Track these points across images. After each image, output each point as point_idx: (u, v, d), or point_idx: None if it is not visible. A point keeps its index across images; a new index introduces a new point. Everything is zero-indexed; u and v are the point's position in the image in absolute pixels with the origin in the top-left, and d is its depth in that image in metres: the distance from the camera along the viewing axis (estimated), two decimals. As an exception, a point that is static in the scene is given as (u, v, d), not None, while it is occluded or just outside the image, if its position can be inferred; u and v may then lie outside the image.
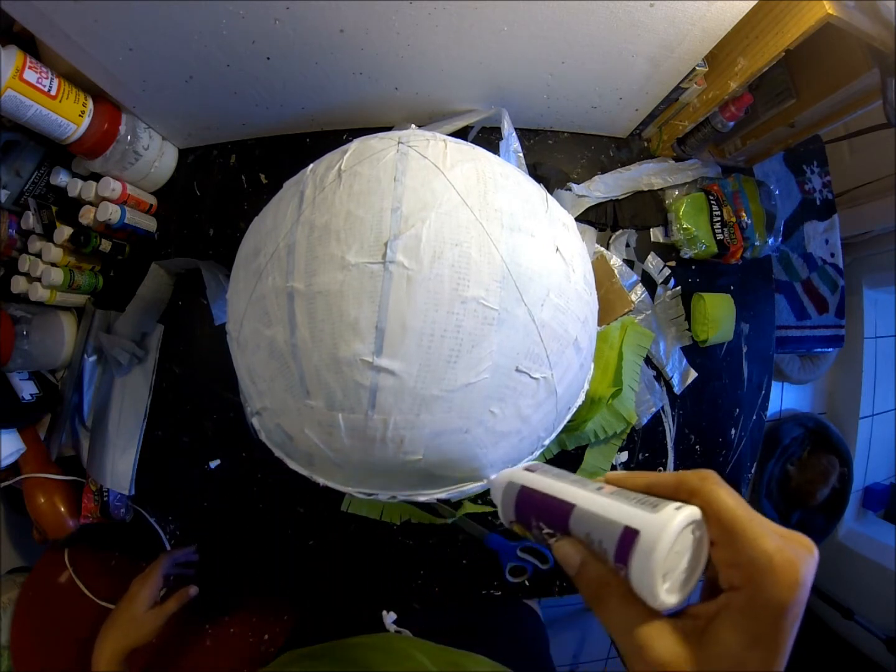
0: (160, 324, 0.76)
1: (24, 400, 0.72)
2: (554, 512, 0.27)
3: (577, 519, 0.26)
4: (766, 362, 0.84)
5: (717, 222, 0.77)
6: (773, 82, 0.69)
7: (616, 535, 0.23)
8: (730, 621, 0.20)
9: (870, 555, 1.61)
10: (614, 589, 0.23)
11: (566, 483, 0.29)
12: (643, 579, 0.22)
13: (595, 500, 0.26)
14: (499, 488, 0.33)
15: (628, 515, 0.23)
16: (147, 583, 0.66)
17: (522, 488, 0.31)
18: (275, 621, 0.85)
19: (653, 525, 0.22)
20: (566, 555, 0.25)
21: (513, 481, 0.31)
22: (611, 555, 0.23)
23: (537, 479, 0.30)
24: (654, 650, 0.21)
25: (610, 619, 0.23)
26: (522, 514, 0.30)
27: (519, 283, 0.35)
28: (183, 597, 0.69)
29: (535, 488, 0.30)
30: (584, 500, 0.26)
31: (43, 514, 0.73)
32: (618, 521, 0.23)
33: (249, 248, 0.41)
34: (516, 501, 0.30)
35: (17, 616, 0.81)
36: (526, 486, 0.30)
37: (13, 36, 0.61)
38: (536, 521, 0.29)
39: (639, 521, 0.23)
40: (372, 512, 0.73)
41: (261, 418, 0.42)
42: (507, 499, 0.31)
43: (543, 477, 0.31)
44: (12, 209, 0.73)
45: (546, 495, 0.28)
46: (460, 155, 0.39)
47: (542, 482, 0.30)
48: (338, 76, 0.64)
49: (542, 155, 0.79)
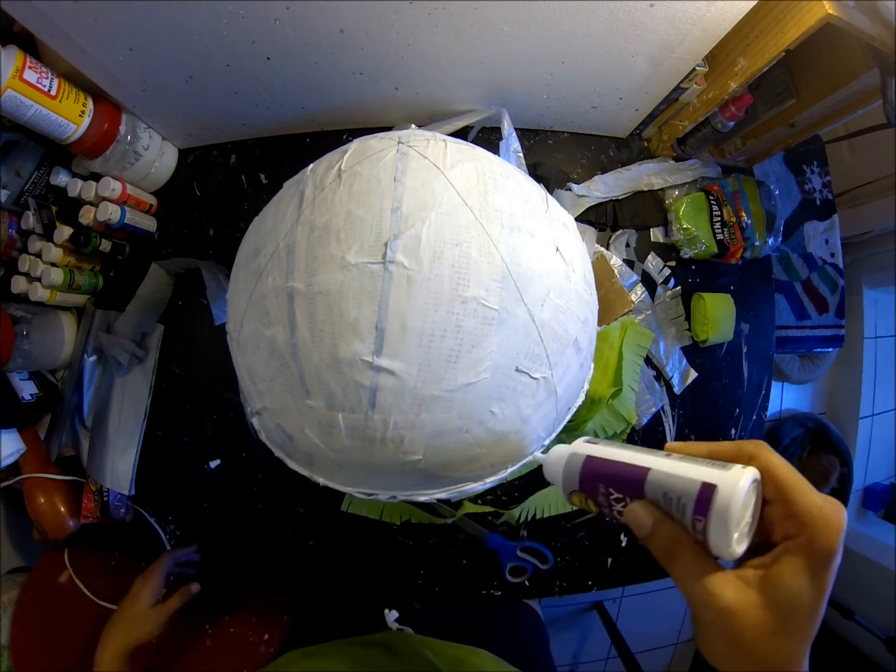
0: (160, 324, 0.76)
1: (24, 400, 0.72)
2: (626, 477, 0.29)
3: (653, 481, 0.28)
4: (766, 362, 0.84)
5: (717, 222, 0.77)
6: (773, 82, 0.69)
7: (695, 490, 0.25)
8: (790, 565, 0.23)
9: (870, 555, 1.61)
10: (686, 546, 0.25)
11: (633, 451, 0.31)
12: (721, 528, 0.24)
13: (668, 463, 0.28)
14: (558, 461, 0.34)
15: (704, 473, 0.26)
16: (149, 581, 0.66)
17: (588, 458, 0.32)
18: (275, 621, 0.85)
19: (728, 481, 0.25)
20: (639, 516, 0.27)
21: (576, 452, 0.33)
22: (690, 509, 0.26)
23: (603, 450, 0.32)
24: (723, 597, 0.24)
25: (682, 572, 0.25)
26: (588, 482, 0.32)
27: (519, 283, 0.35)
28: (185, 594, 0.69)
29: (603, 457, 0.32)
30: (657, 464, 0.28)
31: (43, 514, 0.73)
32: (696, 479, 0.26)
33: (249, 248, 0.41)
34: (581, 471, 0.32)
35: (17, 616, 0.81)
36: (592, 456, 0.32)
37: (13, 36, 0.61)
38: (605, 488, 0.30)
39: (715, 478, 0.25)
40: (372, 512, 0.73)
41: (261, 418, 0.42)
42: (571, 469, 0.33)
43: (609, 447, 0.32)
44: (12, 209, 0.73)
45: (617, 462, 0.30)
46: (460, 155, 0.39)
47: (610, 452, 0.32)
48: (338, 76, 0.64)
49: (542, 155, 0.79)
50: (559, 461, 0.34)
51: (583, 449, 0.33)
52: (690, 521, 0.26)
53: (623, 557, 0.78)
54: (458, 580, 0.75)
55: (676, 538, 0.26)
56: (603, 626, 1.57)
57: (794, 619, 0.23)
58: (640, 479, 0.28)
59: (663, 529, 0.26)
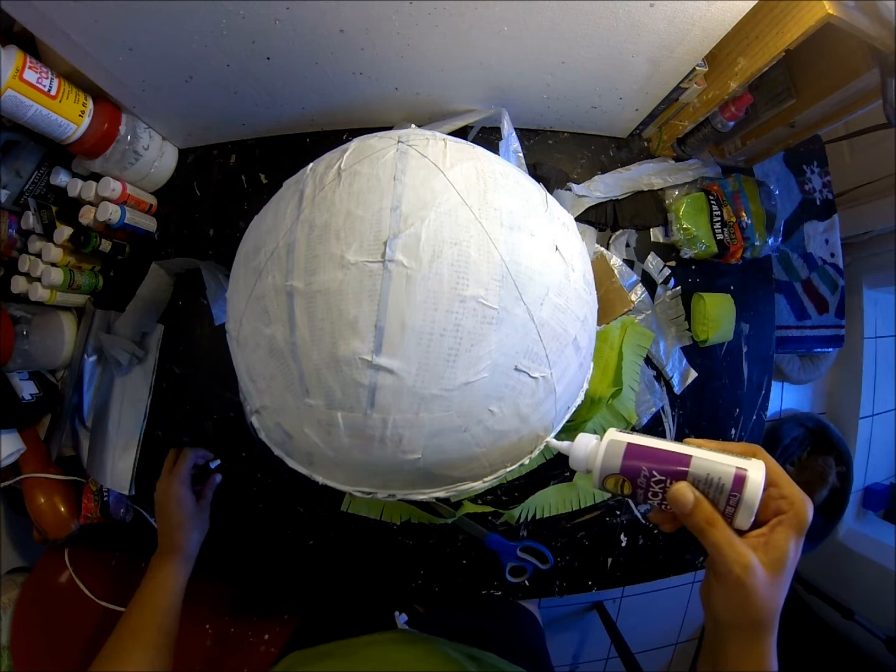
0: (160, 324, 0.76)
1: (24, 400, 0.72)
2: (671, 461, 0.35)
3: (697, 465, 0.34)
4: (766, 362, 0.84)
5: (717, 222, 0.77)
6: (773, 82, 0.69)
7: (731, 473, 0.33)
8: (783, 533, 0.32)
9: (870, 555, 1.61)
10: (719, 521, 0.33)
11: (669, 441, 0.37)
12: (750, 502, 0.32)
13: (704, 452, 0.35)
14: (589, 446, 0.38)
15: (735, 462, 0.34)
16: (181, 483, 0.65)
17: (630, 444, 0.36)
18: (275, 621, 0.85)
19: (753, 467, 0.33)
20: (684, 494, 0.33)
21: (616, 439, 0.37)
22: (728, 488, 0.33)
23: (640, 438, 0.37)
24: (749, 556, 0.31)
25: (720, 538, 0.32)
26: (631, 465, 0.36)
27: (518, 282, 0.35)
28: (212, 485, 0.70)
29: (645, 444, 0.36)
30: (697, 452, 0.35)
31: (43, 514, 0.73)
32: (731, 465, 0.34)
33: (249, 247, 0.41)
34: (625, 455, 0.36)
35: (17, 616, 0.81)
36: (633, 443, 0.36)
37: (13, 36, 0.61)
38: (649, 471, 0.35)
39: (744, 465, 0.33)
40: (372, 512, 0.73)
41: (260, 417, 0.42)
42: (612, 454, 0.36)
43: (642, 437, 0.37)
44: (12, 209, 0.74)
45: (661, 449, 0.36)
46: (460, 154, 0.39)
47: (650, 440, 0.37)
48: (338, 76, 0.64)
49: (542, 155, 0.79)
50: (590, 447, 0.38)
51: (621, 437, 0.37)
52: (727, 496, 0.33)
53: (623, 557, 0.78)
54: (458, 580, 0.75)
55: (713, 513, 0.33)
56: (603, 626, 1.57)
57: (784, 574, 0.32)
58: (684, 464, 0.35)
59: (704, 506, 0.33)
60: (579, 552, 0.77)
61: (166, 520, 0.64)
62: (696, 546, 0.81)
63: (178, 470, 0.66)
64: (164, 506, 0.64)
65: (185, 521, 0.63)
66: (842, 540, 1.71)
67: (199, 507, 0.66)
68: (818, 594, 1.63)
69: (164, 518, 0.64)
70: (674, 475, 0.35)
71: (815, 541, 1.68)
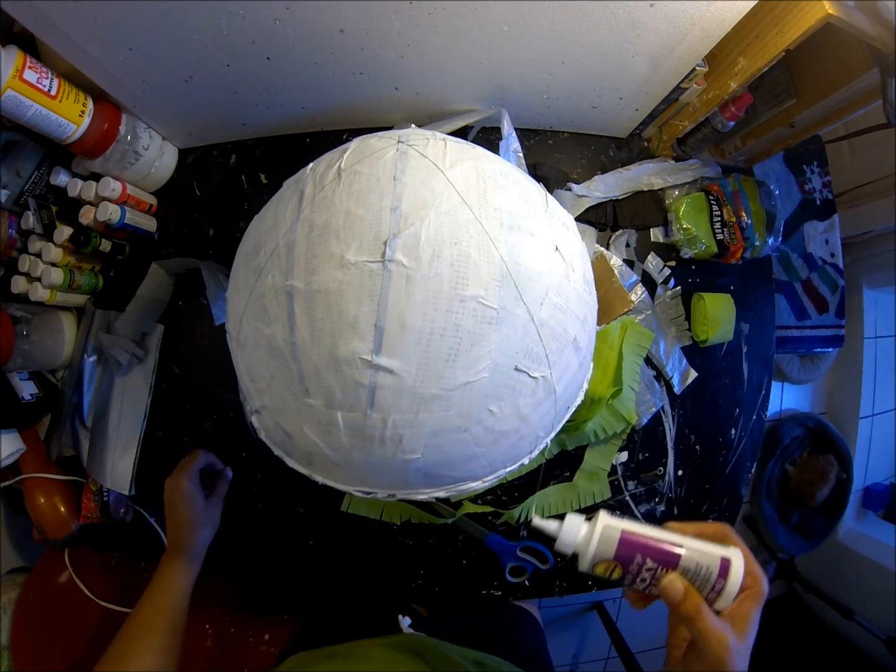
0: (160, 324, 0.76)
1: (24, 400, 0.72)
2: (665, 550, 0.38)
3: (688, 554, 0.37)
4: (766, 362, 0.84)
5: (717, 222, 0.77)
6: (773, 82, 0.69)
7: (717, 562, 0.37)
8: (749, 605, 0.37)
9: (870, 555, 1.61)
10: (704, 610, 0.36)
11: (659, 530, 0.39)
12: (734, 587, 0.36)
13: (691, 542, 0.38)
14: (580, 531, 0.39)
15: (719, 551, 0.38)
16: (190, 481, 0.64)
17: (625, 533, 0.38)
18: (275, 621, 0.85)
19: (734, 556, 0.37)
20: (675, 586, 0.37)
21: (610, 526, 0.39)
22: (714, 575, 0.37)
23: (635, 527, 0.39)
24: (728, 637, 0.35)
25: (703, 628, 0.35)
26: (626, 553, 0.38)
27: (518, 281, 0.35)
28: (225, 479, 0.70)
29: (639, 532, 0.38)
30: (687, 542, 0.38)
31: (43, 514, 0.73)
32: (716, 554, 0.37)
33: (249, 247, 0.41)
34: (619, 543, 0.38)
35: (17, 616, 0.81)
36: (628, 532, 0.38)
37: (13, 36, 0.61)
38: (643, 559, 0.37)
39: (727, 554, 0.37)
40: (372, 512, 0.73)
41: (260, 417, 0.42)
42: (606, 542, 0.38)
43: (636, 525, 0.39)
44: (12, 209, 0.74)
45: (654, 538, 0.38)
46: (460, 154, 0.39)
47: (642, 529, 0.39)
48: (338, 76, 0.64)
49: (542, 155, 0.79)
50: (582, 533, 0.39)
51: (614, 524, 0.39)
52: (712, 584, 0.37)
53: (623, 557, 0.78)
54: (458, 580, 0.75)
55: (699, 603, 0.36)
56: (603, 626, 1.57)
57: (750, 640, 0.36)
58: (676, 554, 0.37)
59: (692, 596, 0.37)
60: (579, 552, 0.77)
61: (174, 517, 0.63)
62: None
63: (188, 467, 0.65)
64: (172, 503, 0.63)
65: (192, 518, 0.62)
66: (842, 540, 1.71)
67: (209, 504, 0.65)
68: (818, 594, 1.63)
69: (173, 516, 0.63)
70: (666, 564, 0.37)
71: (815, 541, 1.68)
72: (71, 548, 0.82)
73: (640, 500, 0.78)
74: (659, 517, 0.78)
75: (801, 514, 1.66)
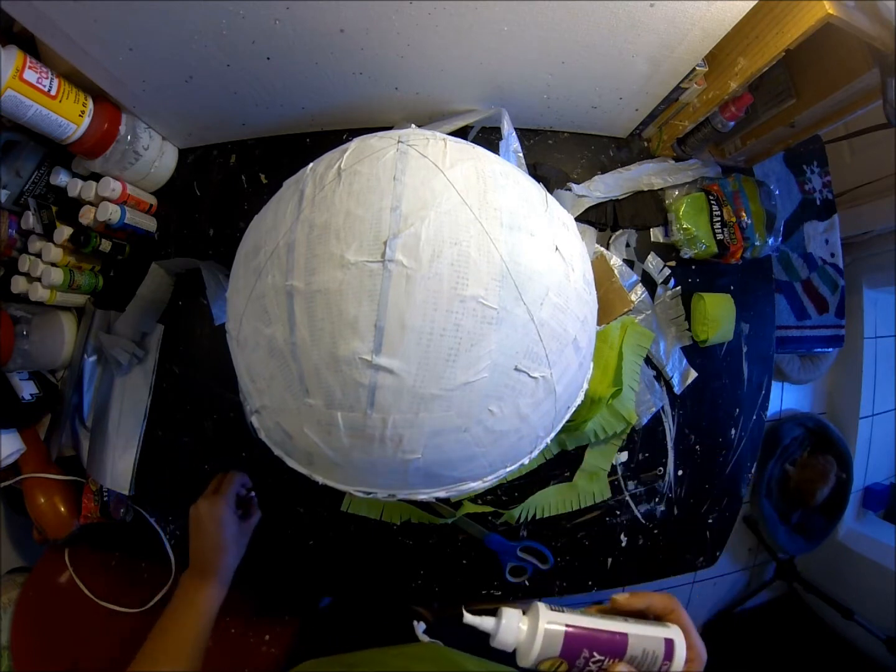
0: (160, 324, 0.76)
1: (24, 400, 0.72)
2: (611, 641, 0.37)
3: (634, 642, 0.37)
4: (766, 362, 0.84)
5: (717, 222, 0.77)
6: (773, 82, 0.69)
7: (662, 645, 0.37)
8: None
9: (870, 555, 1.61)
10: None
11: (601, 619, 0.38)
12: (678, 666, 0.37)
13: (635, 627, 0.38)
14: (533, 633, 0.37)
15: (662, 632, 0.38)
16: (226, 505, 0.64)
17: (567, 628, 0.37)
18: (275, 621, 0.85)
19: (676, 636, 0.38)
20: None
21: (552, 629, 0.37)
22: (660, 658, 0.37)
23: (578, 620, 0.38)
24: None
25: None
26: (572, 650, 0.37)
27: (518, 281, 0.35)
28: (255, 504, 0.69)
29: (582, 626, 0.37)
30: (630, 629, 0.38)
31: (43, 514, 0.73)
32: (660, 637, 0.38)
33: (249, 246, 0.41)
34: (565, 641, 0.37)
35: (17, 616, 0.81)
36: (572, 628, 0.37)
37: (13, 36, 0.61)
38: (590, 653, 0.37)
39: (669, 634, 0.38)
40: (372, 512, 0.73)
41: (260, 417, 0.42)
42: (551, 641, 0.37)
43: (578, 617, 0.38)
44: (12, 209, 0.74)
45: (598, 630, 0.37)
46: (460, 154, 0.39)
47: (585, 622, 0.38)
48: (338, 76, 0.64)
49: (542, 155, 0.79)
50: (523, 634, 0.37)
51: (556, 622, 0.37)
52: (659, 665, 0.37)
53: (623, 557, 0.78)
54: (458, 580, 0.75)
55: None
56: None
57: None
58: (623, 643, 0.37)
59: None
60: (579, 552, 0.77)
61: (205, 540, 0.62)
62: (696, 546, 0.81)
63: (224, 491, 0.65)
64: (204, 526, 0.62)
65: (226, 543, 0.62)
66: (842, 540, 1.71)
67: (242, 529, 0.65)
68: (818, 594, 1.63)
69: (203, 538, 0.62)
70: (613, 654, 0.37)
71: (815, 541, 1.68)
72: (71, 548, 0.82)
73: (640, 500, 0.78)
74: (659, 517, 0.79)
75: (801, 514, 1.66)
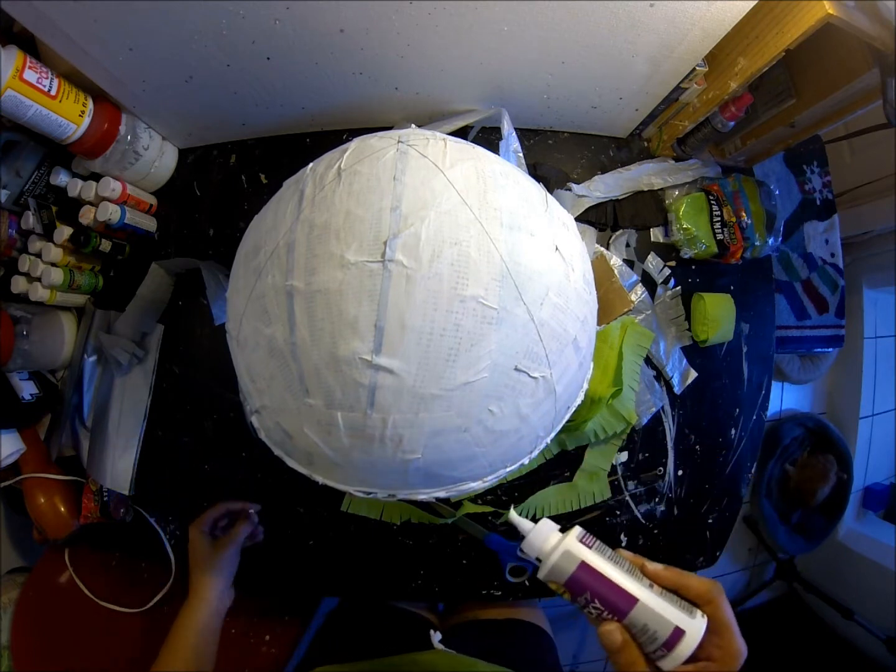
0: (160, 324, 0.76)
1: (24, 400, 0.72)
2: (617, 598, 0.34)
3: (640, 611, 0.34)
4: (766, 362, 0.84)
5: (717, 222, 0.77)
6: (773, 82, 0.69)
7: (669, 630, 0.33)
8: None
9: (870, 555, 1.61)
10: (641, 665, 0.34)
11: (624, 572, 0.35)
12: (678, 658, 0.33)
13: (652, 598, 0.34)
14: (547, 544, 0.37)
15: (677, 617, 0.34)
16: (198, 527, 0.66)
17: (582, 563, 0.35)
18: (275, 621, 0.85)
19: (692, 628, 0.33)
20: (613, 635, 0.35)
21: (571, 552, 0.36)
22: (660, 642, 0.34)
23: (598, 561, 0.36)
24: None
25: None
26: (577, 586, 0.35)
27: (518, 281, 0.35)
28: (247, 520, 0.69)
29: (597, 569, 0.35)
30: (645, 597, 0.34)
31: (43, 514, 0.73)
32: (671, 621, 0.34)
33: (249, 246, 0.41)
34: (573, 574, 0.35)
35: (17, 616, 0.81)
36: (587, 564, 0.35)
37: (13, 36, 0.61)
38: (591, 598, 0.35)
39: (684, 624, 0.34)
40: (372, 512, 0.73)
41: (260, 417, 0.42)
42: (562, 566, 0.36)
43: (602, 559, 0.36)
44: (12, 209, 0.74)
45: (611, 581, 0.35)
46: (460, 154, 0.39)
47: (604, 566, 0.35)
48: (338, 76, 0.64)
49: (542, 155, 0.79)
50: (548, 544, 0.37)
51: (578, 551, 0.36)
52: (659, 646, 0.34)
53: (623, 557, 0.78)
54: (458, 580, 0.75)
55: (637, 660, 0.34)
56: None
57: None
58: (628, 606, 0.34)
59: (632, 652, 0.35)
60: (579, 552, 0.77)
61: (190, 563, 0.66)
62: (696, 546, 0.81)
63: (202, 517, 0.67)
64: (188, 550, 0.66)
65: (196, 563, 0.65)
66: (842, 540, 1.71)
67: (216, 548, 0.66)
68: (818, 594, 1.63)
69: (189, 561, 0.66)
70: (612, 612, 0.35)
71: (815, 541, 1.68)
72: (71, 548, 0.82)
73: (640, 500, 0.78)
74: (659, 517, 0.78)
75: (801, 514, 1.66)
